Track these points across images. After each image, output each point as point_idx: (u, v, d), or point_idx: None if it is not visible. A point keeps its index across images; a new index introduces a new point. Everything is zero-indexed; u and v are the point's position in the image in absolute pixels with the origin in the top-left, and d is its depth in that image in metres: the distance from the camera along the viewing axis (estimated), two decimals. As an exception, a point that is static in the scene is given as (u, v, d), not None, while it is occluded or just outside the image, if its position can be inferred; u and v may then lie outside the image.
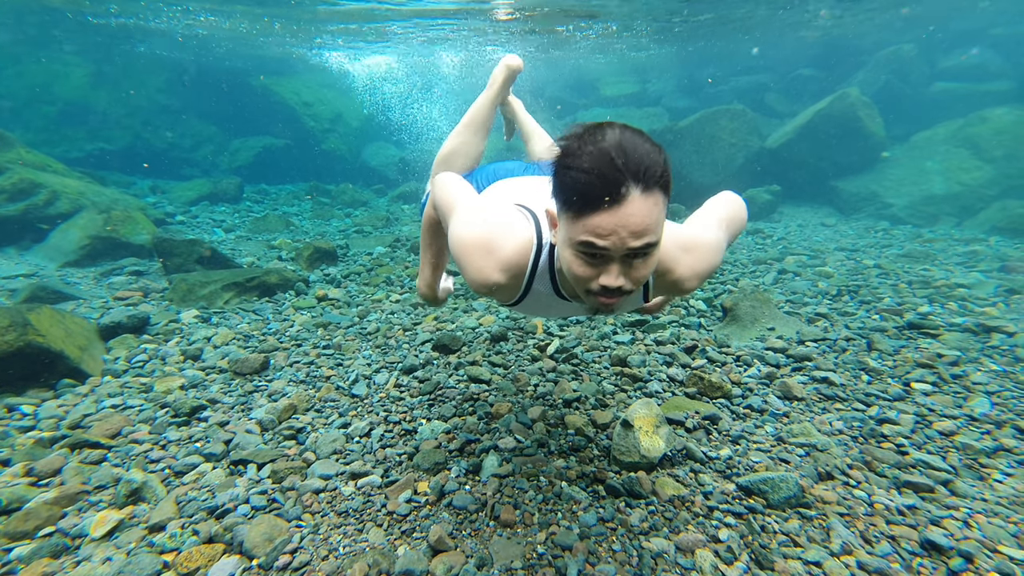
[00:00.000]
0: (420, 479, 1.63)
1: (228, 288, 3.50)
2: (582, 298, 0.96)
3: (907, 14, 9.01)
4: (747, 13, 8.42)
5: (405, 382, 2.32)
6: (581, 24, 8.44)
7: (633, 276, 0.86)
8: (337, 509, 1.49)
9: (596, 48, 11.13)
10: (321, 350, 2.69)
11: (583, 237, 0.82)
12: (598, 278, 0.87)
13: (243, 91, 10.77)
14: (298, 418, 2.01)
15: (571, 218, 0.83)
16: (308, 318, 3.19)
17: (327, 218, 6.94)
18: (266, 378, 2.38)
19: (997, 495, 1.46)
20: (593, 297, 0.90)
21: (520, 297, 1.09)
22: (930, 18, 9.62)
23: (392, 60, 11.98)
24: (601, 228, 0.80)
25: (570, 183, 0.80)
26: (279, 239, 5.52)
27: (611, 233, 0.80)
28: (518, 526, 1.43)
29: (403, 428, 1.94)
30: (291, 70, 12.74)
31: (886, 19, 9.24)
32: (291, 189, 8.99)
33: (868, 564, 1.23)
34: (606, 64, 13.93)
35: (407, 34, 9.51)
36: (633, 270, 0.86)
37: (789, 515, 1.44)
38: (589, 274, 0.87)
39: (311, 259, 4.45)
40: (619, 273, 0.85)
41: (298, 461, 1.71)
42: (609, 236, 0.80)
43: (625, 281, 0.86)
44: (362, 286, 3.89)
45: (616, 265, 0.85)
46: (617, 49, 11.37)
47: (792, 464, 1.68)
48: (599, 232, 0.80)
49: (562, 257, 0.90)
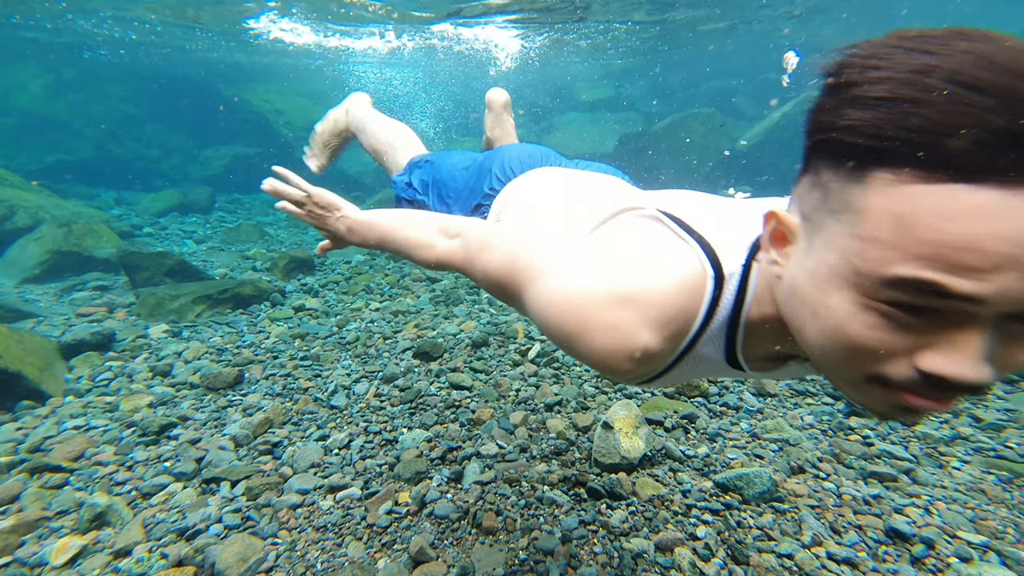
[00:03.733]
0: (401, 489, 1.61)
1: (200, 301, 3.40)
2: (848, 389, 0.49)
3: (855, 23, 9.42)
4: (718, 24, 8.68)
5: (386, 391, 2.29)
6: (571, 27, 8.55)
7: (1013, 357, 0.40)
8: (315, 524, 1.47)
9: (573, 53, 11.30)
10: (298, 361, 2.64)
11: (915, 271, 0.37)
12: (914, 356, 0.41)
13: (213, 99, 10.54)
14: (274, 432, 1.97)
15: (877, 224, 0.39)
16: (284, 329, 3.12)
17: (303, 227, 6.82)
18: (241, 392, 2.32)
19: (955, 482, 1.53)
20: (884, 392, 0.45)
21: (667, 368, 0.66)
22: (877, 27, 10.07)
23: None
24: (981, 243, 0.35)
25: (900, 131, 0.36)
26: (253, 249, 5.40)
27: (1003, 259, 0.35)
28: (500, 533, 1.43)
29: (383, 438, 1.91)
30: (262, 76, 12.54)
31: (837, 28, 9.64)
32: (265, 198, 8.81)
33: (837, 554, 1.27)
34: (581, 69, 14.14)
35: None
36: (1016, 344, 0.40)
37: (763, 509, 1.48)
38: (894, 345, 0.42)
39: (287, 269, 4.37)
40: (984, 350, 0.39)
41: (274, 476, 1.68)
42: (997, 267, 0.35)
43: (990, 370, 0.40)
44: (340, 295, 3.84)
45: (981, 333, 0.39)
46: (592, 54, 11.56)
47: (766, 459, 1.72)
48: (974, 252, 0.35)
49: (823, 308, 0.45)
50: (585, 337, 0.60)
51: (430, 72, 14.66)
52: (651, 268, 0.60)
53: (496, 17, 7.62)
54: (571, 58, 11.93)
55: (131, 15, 7.47)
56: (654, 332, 0.59)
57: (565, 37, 9.43)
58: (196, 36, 9.39)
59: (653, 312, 0.58)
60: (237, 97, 10.41)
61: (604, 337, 0.59)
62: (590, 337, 0.59)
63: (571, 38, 9.46)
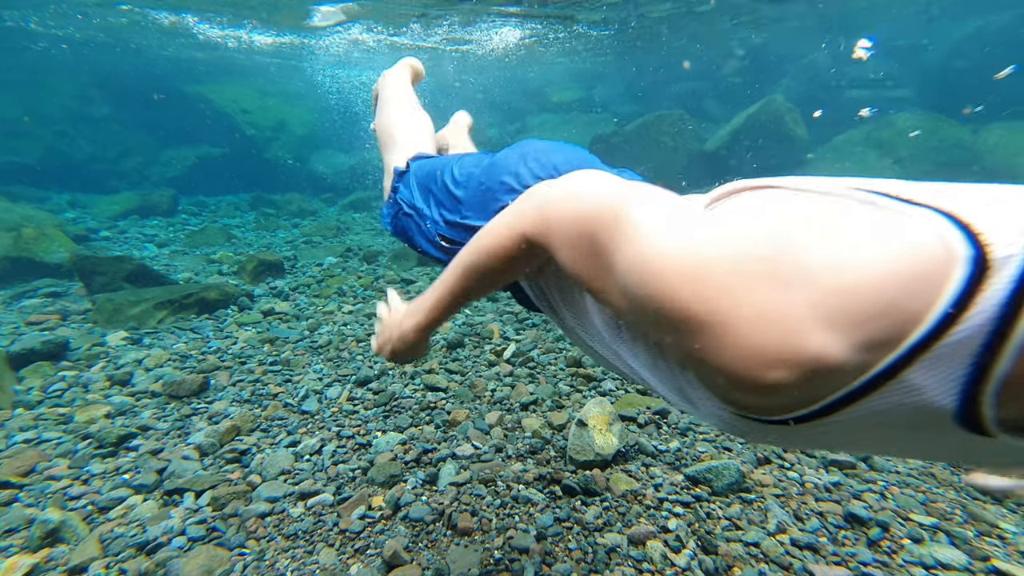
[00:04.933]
0: (375, 494, 1.59)
1: (162, 306, 3.27)
2: None
3: (814, 29, 9.84)
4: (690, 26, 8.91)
5: (359, 395, 2.25)
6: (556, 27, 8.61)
7: None
8: (285, 532, 1.43)
9: (546, 54, 11.39)
10: (268, 367, 2.57)
11: None
12: None
13: (175, 98, 10.16)
14: (242, 440, 1.91)
15: None
16: (253, 334, 3.03)
17: (272, 229, 6.65)
18: (206, 400, 2.24)
19: (908, 467, 1.61)
20: None
21: (842, 399, 0.39)
22: (840, 29, 10.56)
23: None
24: None
25: None
26: (219, 252, 5.22)
27: None
28: (476, 533, 1.43)
29: (357, 442, 1.88)
30: (226, 74, 12.16)
31: (800, 29, 10.04)
32: (232, 200, 8.55)
33: (800, 540, 1.32)
34: (553, 71, 14.26)
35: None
36: None
37: (732, 500, 1.52)
38: None
39: (255, 272, 4.24)
40: None
41: (242, 485, 1.62)
42: None
43: None
44: (312, 298, 3.75)
45: None
46: (564, 55, 11.69)
47: (734, 452, 1.77)
48: None
49: None
50: (718, 326, 0.38)
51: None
52: (837, 236, 0.38)
53: (481, 17, 7.62)
54: (544, 59, 12.04)
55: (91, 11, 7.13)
56: (837, 331, 0.36)
57: (545, 38, 9.50)
58: (149, 32, 9.05)
59: (840, 300, 0.36)
60: (160, 95, 10.05)
61: (752, 328, 0.37)
62: (727, 326, 0.37)
63: (552, 38, 9.53)
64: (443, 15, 7.48)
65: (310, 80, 15.03)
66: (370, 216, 7.82)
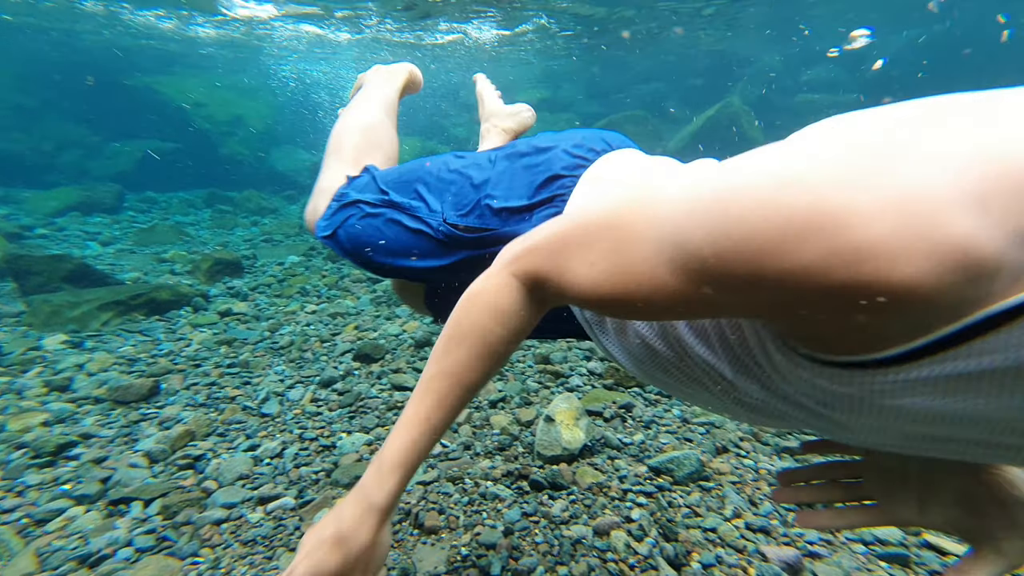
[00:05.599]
0: (340, 496, 1.55)
1: (106, 308, 3.08)
2: None
3: (769, 35, 10.37)
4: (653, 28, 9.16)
5: (323, 396, 2.20)
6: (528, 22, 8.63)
7: None
8: (242, 539, 1.37)
9: (513, 54, 11.44)
10: (224, 369, 2.47)
11: None
12: None
13: (119, 89, 9.57)
14: (196, 445, 1.82)
15: None
16: (209, 335, 2.90)
17: (230, 227, 6.37)
18: (156, 405, 2.13)
19: (853, 449, 1.72)
20: None
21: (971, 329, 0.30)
22: (788, 35, 11.17)
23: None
24: None
25: None
26: (171, 251, 4.96)
27: None
28: (443, 531, 1.42)
29: (320, 444, 1.83)
30: (174, 65, 11.57)
31: (756, 35, 10.55)
32: (185, 197, 8.14)
33: (753, 523, 1.38)
34: (520, 70, 14.36)
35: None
36: None
37: (692, 489, 1.58)
38: None
39: (211, 272, 4.06)
40: None
41: (196, 492, 1.55)
42: None
43: None
44: (273, 298, 3.63)
45: None
46: (532, 55, 11.78)
47: (695, 442, 1.84)
48: None
49: None
50: (831, 225, 0.30)
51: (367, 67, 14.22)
52: (953, 116, 0.30)
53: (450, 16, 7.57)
54: (511, 59, 12.10)
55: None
56: (989, 219, 0.27)
57: (514, 38, 9.53)
58: (84, 19, 8.50)
59: (982, 184, 0.28)
60: (91, 79, 9.50)
61: (878, 215, 0.29)
62: (845, 219, 0.30)
63: (522, 40, 9.58)
64: (401, 13, 7.39)
65: (268, 75, 14.52)
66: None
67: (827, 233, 0.31)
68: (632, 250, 0.43)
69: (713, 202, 0.37)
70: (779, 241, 0.32)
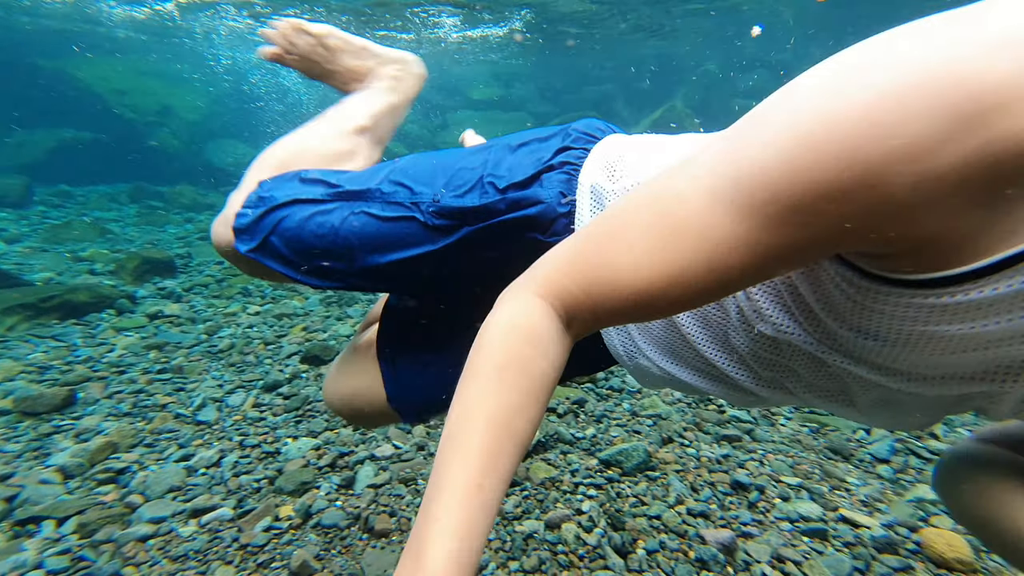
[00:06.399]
0: (283, 503, 1.48)
1: (12, 311, 2.77)
2: None
3: (706, 46, 11.03)
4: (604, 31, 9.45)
5: (267, 400, 2.09)
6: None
7: None
8: (172, 554, 1.28)
9: (463, 51, 11.41)
10: (154, 375, 2.29)
11: None
12: None
13: (26, 72, 8.64)
14: (120, 457, 1.68)
15: None
16: (136, 340, 2.68)
17: (160, 224, 5.92)
18: (72, 415, 1.94)
19: (781, 436, 1.85)
20: None
21: None
22: (724, 44, 11.93)
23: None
24: None
25: None
26: (90, 250, 4.53)
27: None
28: (394, 534, 1.39)
29: (263, 451, 1.74)
30: (92, 49, 10.59)
31: (693, 39, 11.17)
32: (106, 191, 7.47)
33: (695, 509, 1.46)
34: (473, 69, 14.35)
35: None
36: None
37: (639, 479, 1.64)
38: None
39: (138, 271, 3.75)
40: None
41: (118, 507, 1.43)
42: None
43: None
44: (211, 299, 3.40)
45: None
46: (485, 55, 11.81)
47: (643, 434, 1.91)
48: None
49: None
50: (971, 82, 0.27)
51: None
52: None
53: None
54: (465, 57, 12.07)
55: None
56: None
57: (468, 38, 9.51)
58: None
59: None
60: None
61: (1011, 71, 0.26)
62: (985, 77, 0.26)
63: (475, 36, 9.56)
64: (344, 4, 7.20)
65: (202, 63, 13.61)
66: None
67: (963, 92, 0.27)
68: (680, 213, 0.37)
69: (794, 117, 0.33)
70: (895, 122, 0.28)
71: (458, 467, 0.38)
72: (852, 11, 9.60)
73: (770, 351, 0.53)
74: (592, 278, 0.41)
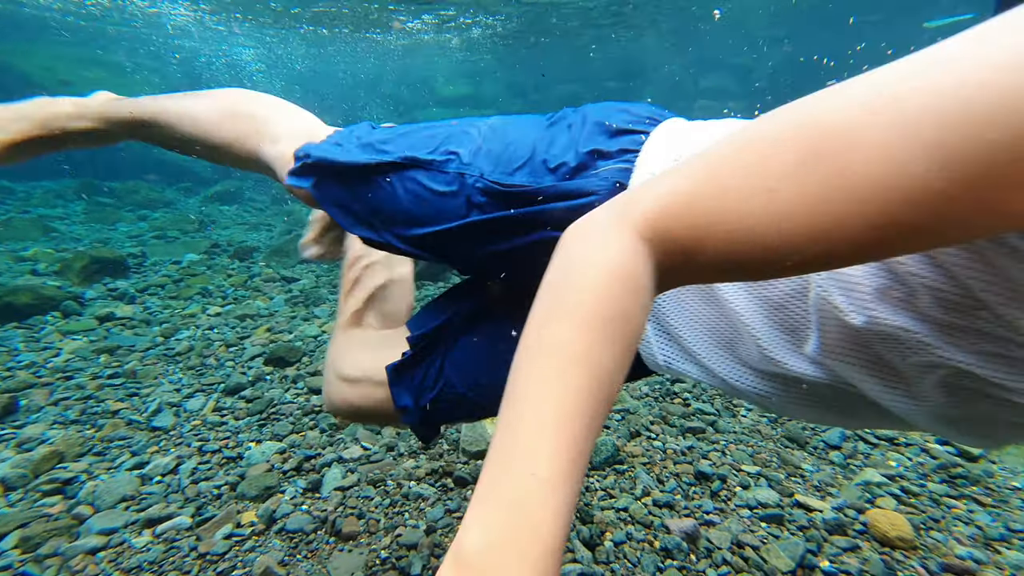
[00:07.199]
0: (245, 509, 1.44)
1: (-57, 314, 2.57)
2: None
3: (671, 46, 11.35)
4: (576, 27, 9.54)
5: (228, 404, 2.02)
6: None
7: None
8: (124, 567, 1.22)
9: (432, 46, 11.30)
10: (104, 380, 2.17)
11: None
12: None
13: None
14: (67, 467, 1.59)
15: None
16: (84, 343, 2.54)
17: (111, 222, 5.61)
18: (13, 424, 1.82)
19: (742, 427, 1.93)
20: None
21: None
22: (687, 44, 12.29)
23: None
24: None
25: None
26: (32, 249, 4.26)
27: None
28: (362, 536, 1.37)
29: (224, 456, 1.68)
30: (32, 36, 9.94)
31: (655, 43, 11.46)
32: (51, 187, 7.02)
33: (660, 500, 1.50)
34: (441, 65, 14.25)
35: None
36: None
37: (608, 473, 1.67)
38: None
39: (87, 272, 3.54)
40: None
41: (65, 519, 1.35)
42: None
43: None
44: (167, 300, 3.25)
45: None
46: (452, 51, 11.73)
47: (611, 428, 1.95)
48: None
49: None
50: None
51: (271, 55, 13.22)
52: None
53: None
54: (433, 53, 11.95)
55: None
56: None
57: (436, 32, 9.41)
58: None
59: None
60: None
61: None
62: None
63: (446, 34, 9.47)
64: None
65: (154, 53, 12.97)
66: (241, 209, 7.00)
67: None
68: (849, 155, 0.30)
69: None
70: None
71: (560, 423, 0.31)
72: (812, 15, 10.06)
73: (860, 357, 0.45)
74: (710, 226, 0.34)
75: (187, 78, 13.16)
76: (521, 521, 0.28)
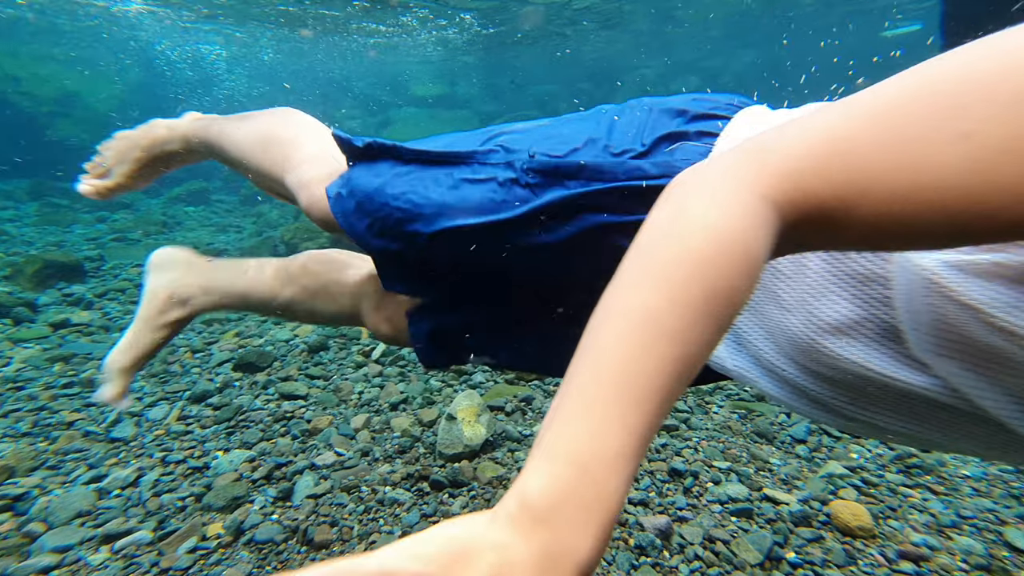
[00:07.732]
0: (211, 521, 1.39)
1: None
2: None
3: (645, 51, 11.62)
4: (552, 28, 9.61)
5: (194, 412, 1.95)
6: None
7: None
8: (81, 586, 1.16)
9: (406, 46, 11.20)
10: (58, 391, 2.06)
11: None
12: None
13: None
14: (17, 482, 1.50)
15: None
16: (37, 352, 2.41)
17: (66, 224, 5.35)
18: (-44, 440, 1.71)
19: (714, 423, 1.98)
20: None
21: None
22: (659, 50, 12.58)
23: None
24: None
25: None
26: (-20, 251, 4.02)
27: None
28: (335, 544, 1.34)
29: (189, 466, 1.62)
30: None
31: (631, 44, 11.67)
32: (0, 187, 6.64)
33: (634, 498, 1.52)
34: (416, 65, 14.14)
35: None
36: None
37: (584, 470, 1.69)
38: None
39: (40, 276, 3.36)
40: None
41: (15, 538, 1.28)
42: None
43: None
44: (128, 305, 3.12)
45: None
46: (430, 50, 11.65)
47: (587, 428, 1.97)
48: None
49: None
50: None
51: (243, 53, 12.84)
52: None
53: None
54: (408, 52, 11.85)
55: None
56: None
57: (408, 31, 9.32)
58: None
59: None
60: None
61: None
62: None
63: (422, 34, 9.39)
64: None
65: (117, 47, 12.42)
66: (208, 210, 6.77)
67: None
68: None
69: None
70: None
71: (640, 399, 0.29)
72: (777, 20, 10.42)
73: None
74: (872, 183, 0.28)
75: (150, 74, 12.66)
76: (589, 484, 0.27)
